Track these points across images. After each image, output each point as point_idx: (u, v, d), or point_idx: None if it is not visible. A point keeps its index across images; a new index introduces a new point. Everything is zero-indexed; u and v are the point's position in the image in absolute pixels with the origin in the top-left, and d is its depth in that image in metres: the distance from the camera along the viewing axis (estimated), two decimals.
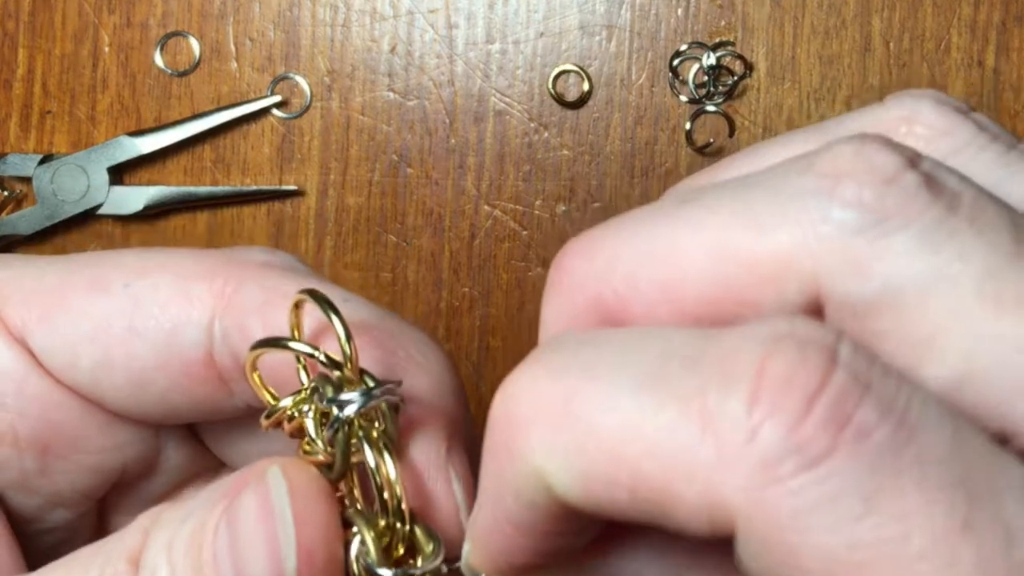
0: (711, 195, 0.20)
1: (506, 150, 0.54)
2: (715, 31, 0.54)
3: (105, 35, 0.55)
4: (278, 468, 0.24)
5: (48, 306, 0.27)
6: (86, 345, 0.27)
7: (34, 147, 0.55)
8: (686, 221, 0.20)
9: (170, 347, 0.27)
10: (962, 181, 0.19)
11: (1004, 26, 0.53)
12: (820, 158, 0.19)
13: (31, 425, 0.28)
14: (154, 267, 0.27)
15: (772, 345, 0.18)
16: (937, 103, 0.21)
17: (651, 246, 0.21)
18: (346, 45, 0.55)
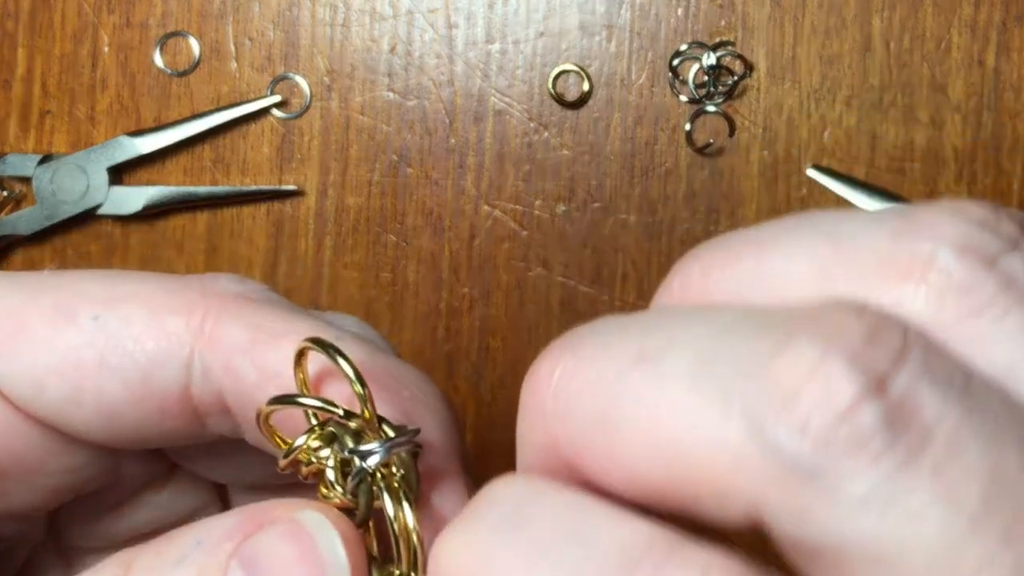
0: (667, 357, 0.18)
1: (506, 150, 0.54)
2: (715, 31, 0.54)
3: (104, 35, 0.55)
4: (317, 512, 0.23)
5: (9, 333, 0.26)
6: (53, 378, 0.26)
7: (33, 147, 0.55)
8: (635, 392, 0.18)
9: (145, 383, 0.26)
10: (946, 401, 0.16)
11: (1005, 26, 0.53)
12: (779, 361, 0.17)
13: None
14: (124, 297, 0.26)
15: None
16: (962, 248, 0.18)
17: (599, 409, 0.19)
18: (346, 45, 0.55)
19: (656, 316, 0.20)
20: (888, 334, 0.17)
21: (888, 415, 0.16)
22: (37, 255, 0.55)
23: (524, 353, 0.54)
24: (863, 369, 0.16)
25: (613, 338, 0.20)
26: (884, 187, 0.53)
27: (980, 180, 0.53)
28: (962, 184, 0.53)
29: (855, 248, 0.19)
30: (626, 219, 0.54)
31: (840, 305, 0.18)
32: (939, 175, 0.53)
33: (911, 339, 0.17)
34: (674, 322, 0.19)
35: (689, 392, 0.17)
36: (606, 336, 0.20)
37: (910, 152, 0.53)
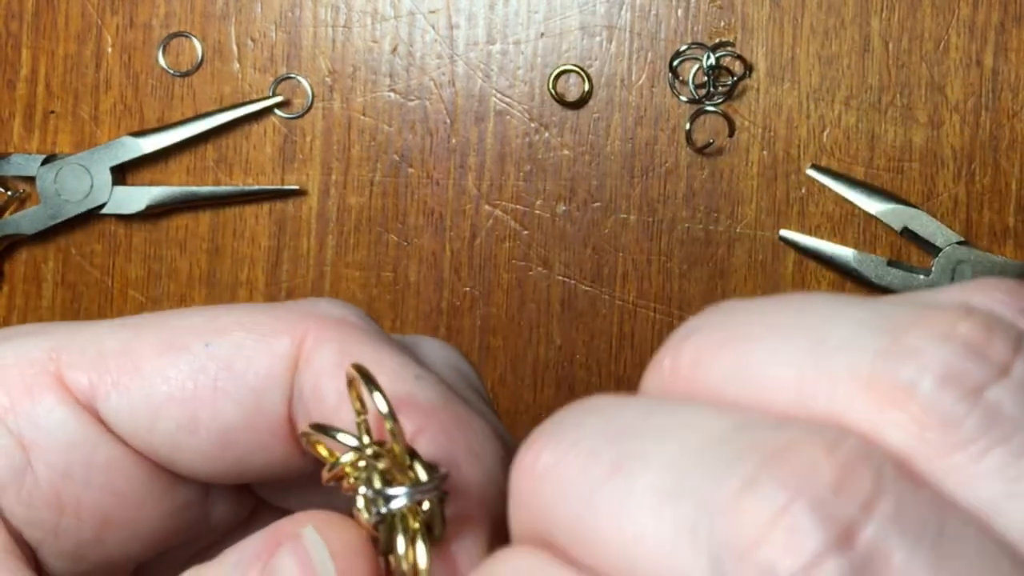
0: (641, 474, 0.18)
1: (507, 150, 0.55)
2: (715, 31, 0.54)
3: (108, 36, 0.55)
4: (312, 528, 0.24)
5: (118, 370, 0.26)
6: (169, 407, 0.26)
7: (38, 147, 0.55)
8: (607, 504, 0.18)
9: (258, 406, 0.26)
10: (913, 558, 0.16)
11: (1003, 26, 0.54)
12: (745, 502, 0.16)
13: (95, 496, 0.26)
14: (230, 324, 0.26)
15: None
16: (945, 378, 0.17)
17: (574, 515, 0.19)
18: (347, 46, 0.55)
19: (637, 415, 0.20)
20: (860, 477, 0.17)
21: (854, 569, 0.16)
22: (41, 254, 0.55)
23: (524, 352, 0.54)
24: (829, 519, 0.16)
25: (593, 436, 0.19)
26: (883, 186, 0.54)
27: (978, 180, 0.53)
28: (960, 184, 0.53)
29: (837, 363, 0.18)
30: (626, 219, 0.54)
31: (814, 437, 0.17)
32: (937, 175, 0.54)
33: (884, 483, 0.17)
34: (651, 428, 0.19)
35: (656, 519, 0.17)
36: (586, 431, 0.20)
37: (909, 152, 0.54)
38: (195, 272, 0.55)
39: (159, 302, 0.55)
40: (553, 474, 0.19)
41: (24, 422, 0.26)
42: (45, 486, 0.26)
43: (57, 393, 0.26)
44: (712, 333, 0.20)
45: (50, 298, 0.56)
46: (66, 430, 0.26)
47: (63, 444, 0.26)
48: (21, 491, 0.26)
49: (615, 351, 0.54)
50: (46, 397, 0.26)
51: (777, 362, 0.19)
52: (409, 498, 0.23)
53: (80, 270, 0.55)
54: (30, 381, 0.26)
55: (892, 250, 0.54)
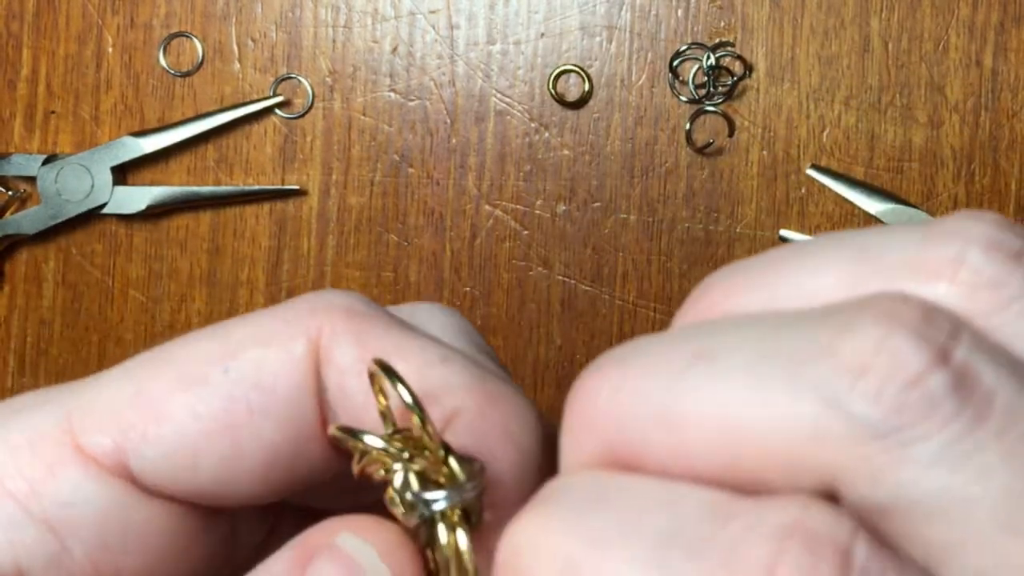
0: (722, 354, 0.19)
1: (507, 150, 0.55)
2: (715, 32, 0.54)
3: (109, 36, 0.55)
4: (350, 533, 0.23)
5: (142, 421, 0.25)
6: (208, 443, 0.25)
7: (38, 147, 0.55)
8: (695, 387, 0.19)
9: (294, 416, 0.25)
10: (999, 375, 0.18)
11: (1002, 27, 0.54)
12: (843, 343, 0.18)
13: (134, 560, 0.25)
14: (243, 342, 0.25)
15: (783, 542, 0.17)
16: (989, 247, 0.19)
17: (659, 409, 0.19)
18: (348, 46, 0.55)
19: (699, 324, 0.21)
20: (939, 316, 0.18)
21: (954, 382, 0.18)
22: (41, 254, 0.56)
23: (525, 351, 0.55)
24: (926, 342, 0.18)
25: (661, 346, 0.20)
26: (883, 186, 0.54)
27: (978, 180, 0.54)
28: (960, 184, 0.54)
29: (883, 256, 0.20)
30: (626, 219, 0.54)
31: (887, 294, 0.19)
32: (937, 175, 0.54)
33: (959, 321, 0.18)
34: (721, 325, 0.20)
35: (753, 380, 0.19)
36: (653, 345, 0.20)
37: (908, 152, 0.54)
38: (195, 272, 0.55)
39: (159, 302, 0.55)
40: (625, 386, 0.20)
41: (50, 504, 0.24)
42: (82, 563, 0.25)
43: (79, 465, 0.25)
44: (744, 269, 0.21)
45: (51, 298, 0.56)
46: (96, 502, 0.25)
47: (95, 518, 0.25)
48: (57, 572, 0.24)
49: None
50: (68, 472, 0.24)
51: (821, 273, 0.20)
52: (449, 501, 0.23)
53: (81, 270, 0.55)
54: (48, 459, 0.24)
55: None
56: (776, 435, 0.18)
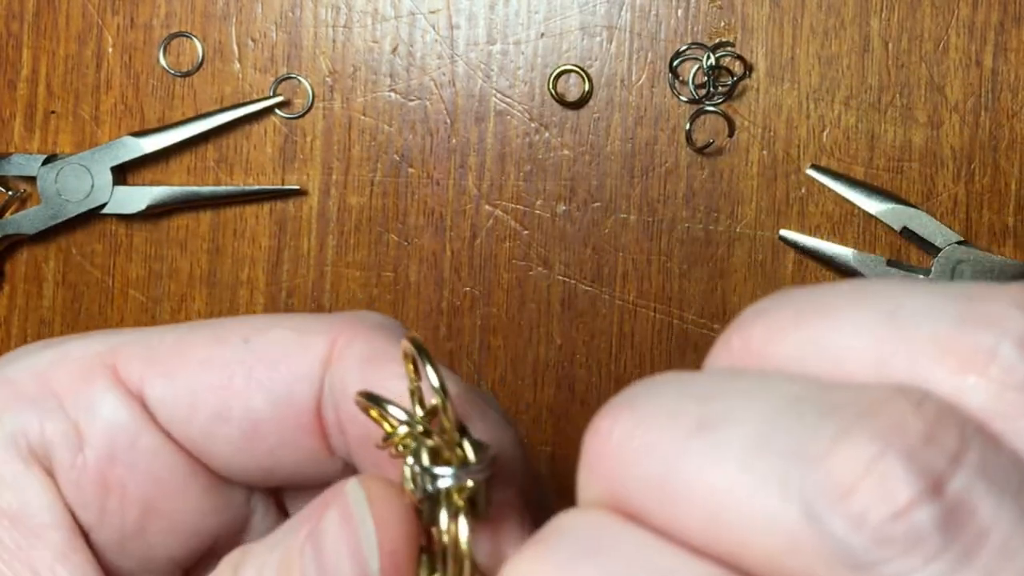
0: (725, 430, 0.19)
1: (507, 150, 0.55)
2: (715, 32, 0.54)
3: (109, 36, 0.55)
4: (356, 480, 0.25)
5: (167, 361, 0.28)
6: (205, 395, 0.28)
7: (38, 147, 0.55)
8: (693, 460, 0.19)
9: (287, 398, 0.28)
10: (1000, 506, 0.17)
11: (1003, 27, 0.54)
12: (837, 453, 0.17)
13: (138, 480, 0.28)
14: (271, 325, 0.28)
15: None
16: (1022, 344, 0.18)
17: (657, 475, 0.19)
18: (348, 46, 0.55)
19: (717, 382, 0.20)
20: (946, 432, 0.17)
21: (944, 516, 0.17)
22: (41, 254, 0.56)
23: (525, 351, 0.55)
24: (921, 469, 0.17)
25: (673, 401, 0.20)
26: (883, 186, 0.54)
27: (978, 180, 0.54)
28: (960, 184, 0.54)
29: (916, 330, 0.19)
30: (626, 219, 0.54)
31: (900, 395, 0.18)
32: (937, 175, 0.54)
33: (969, 438, 0.17)
34: (734, 391, 0.19)
35: (746, 471, 0.18)
36: (666, 398, 0.20)
37: (908, 152, 0.54)
38: (196, 272, 0.55)
39: (160, 302, 0.55)
40: (633, 435, 0.20)
41: (80, 406, 0.28)
42: (93, 467, 0.28)
43: (110, 381, 0.28)
44: (783, 311, 0.21)
45: (51, 298, 0.56)
46: (114, 414, 0.28)
47: (110, 427, 0.28)
48: (72, 471, 0.28)
49: (615, 351, 0.54)
50: (99, 383, 0.28)
51: (853, 333, 0.19)
52: (455, 479, 0.24)
53: (81, 270, 0.55)
54: (88, 370, 0.28)
55: (892, 250, 0.54)
56: (759, 531, 0.18)
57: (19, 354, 0.29)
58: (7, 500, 0.27)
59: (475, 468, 0.24)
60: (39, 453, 0.28)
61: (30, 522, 0.27)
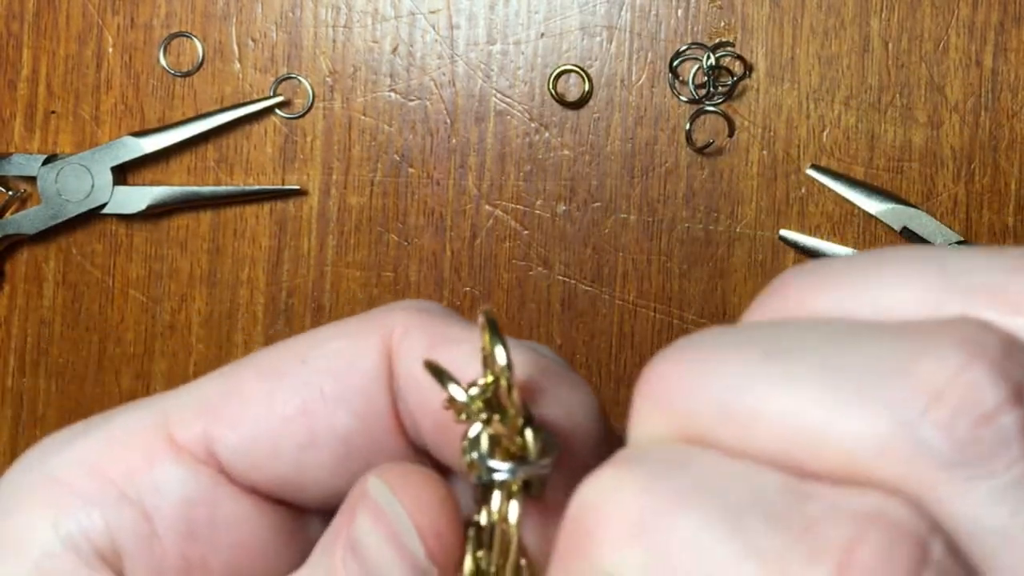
0: (796, 356, 0.19)
1: (507, 150, 0.55)
2: (715, 32, 0.54)
3: (109, 36, 0.55)
4: (374, 475, 0.24)
5: (226, 409, 0.26)
6: (285, 429, 0.26)
7: (38, 147, 0.55)
8: (767, 384, 0.19)
9: (368, 405, 0.26)
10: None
11: (1002, 27, 0.54)
12: (921, 364, 0.18)
13: (222, 552, 0.26)
14: (320, 338, 0.27)
15: (863, 525, 0.18)
16: None
17: (730, 400, 0.20)
18: (348, 46, 0.55)
19: (773, 322, 0.21)
20: (1019, 351, 0.18)
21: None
22: (42, 254, 0.56)
23: None
24: (1005, 377, 0.18)
25: (737, 338, 0.20)
26: (883, 186, 0.54)
27: (978, 180, 0.54)
28: (960, 184, 0.54)
29: (966, 279, 0.20)
30: (626, 218, 0.54)
31: (968, 320, 0.19)
32: (937, 175, 0.54)
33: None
34: (795, 326, 0.20)
35: (825, 386, 0.19)
36: (728, 336, 0.21)
37: (908, 152, 0.54)
38: (196, 272, 0.55)
39: (160, 302, 0.55)
40: (702, 366, 0.20)
41: (144, 489, 0.26)
42: (171, 552, 0.26)
43: (172, 454, 0.26)
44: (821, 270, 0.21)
45: (51, 298, 0.56)
46: (185, 490, 0.26)
47: (184, 505, 0.26)
48: (151, 561, 0.26)
49: (615, 351, 0.54)
50: (162, 460, 0.26)
51: (902, 286, 0.20)
52: (512, 475, 0.23)
53: (81, 270, 0.56)
54: (145, 448, 0.26)
55: None
56: (842, 444, 0.18)
57: (56, 444, 0.26)
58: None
59: (536, 465, 0.23)
60: (106, 554, 0.25)
61: None
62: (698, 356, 0.20)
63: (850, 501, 0.18)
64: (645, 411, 0.21)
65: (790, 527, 0.18)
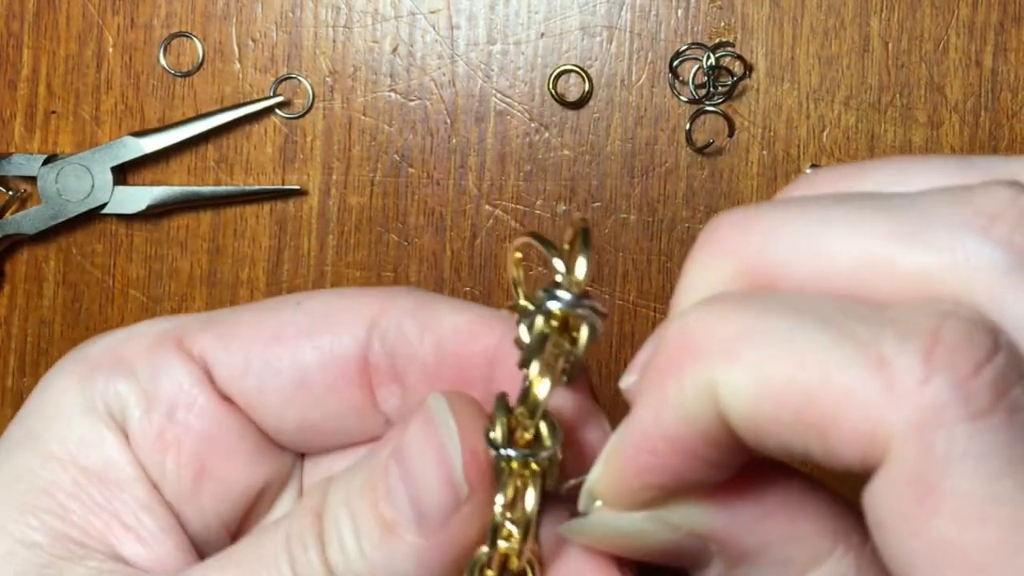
0: (866, 203, 0.22)
1: (507, 150, 0.55)
2: (715, 32, 0.54)
3: (109, 36, 0.55)
4: (439, 393, 0.27)
5: (226, 327, 0.31)
6: (258, 349, 0.30)
7: (39, 147, 0.55)
8: (840, 223, 0.22)
9: (334, 349, 0.30)
10: None
11: (1002, 27, 0.54)
12: (979, 196, 0.21)
13: (194, 439, 0.30)
14: (321, 292, 0.32)
15: (944, 317, 0.20)
16: None
17: (805, 239, 0.22)
18: (348, 46, 0.55)
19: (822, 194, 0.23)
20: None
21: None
22: (42, 254, 0.56)
23: None
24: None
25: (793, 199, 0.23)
26: None
27: None
28: None
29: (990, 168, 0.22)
30: (626, 218, 0.54)
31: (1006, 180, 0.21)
32: None
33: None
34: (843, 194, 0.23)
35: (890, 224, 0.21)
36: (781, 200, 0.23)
37: (908, 152, 0.54)
38: (196, 272, 0.55)
39: (160, 301, 0.55)
40: (767, 217, 0.23)
41: (147, 372, 0.30)
42: (154, 426, 0.30)
43: (175, 349, 0.31)
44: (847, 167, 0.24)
45: (51, 298, 0.56)
46: (176, 377, 0.30)
47: (172, 389, 0.30)
48: (141, 431, 0.30)
49: (615, 351, 0.54)
50: (165, 353, 0.31)
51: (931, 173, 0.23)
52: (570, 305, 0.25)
53: (81, 270, 0.56)
54: (156, 342, 0.31)
55: None
56: (912, 268, 0.21)
57: (96, 338, 0.32)
58: (93, 459, 0.29)
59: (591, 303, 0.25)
60: (116, 415, 0.30)
61: (114, 477, 0.30)
62: (764, 210, 0.23)
63: (927, 305, 0.20)
64: (710, 261, 0.23)
65: (879, 321, 0.20)
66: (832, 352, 0.20)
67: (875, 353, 0.20)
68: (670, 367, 0.22)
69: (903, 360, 0.19)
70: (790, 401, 0.20)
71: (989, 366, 0.19)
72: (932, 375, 0.19)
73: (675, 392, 0.21)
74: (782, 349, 0.20)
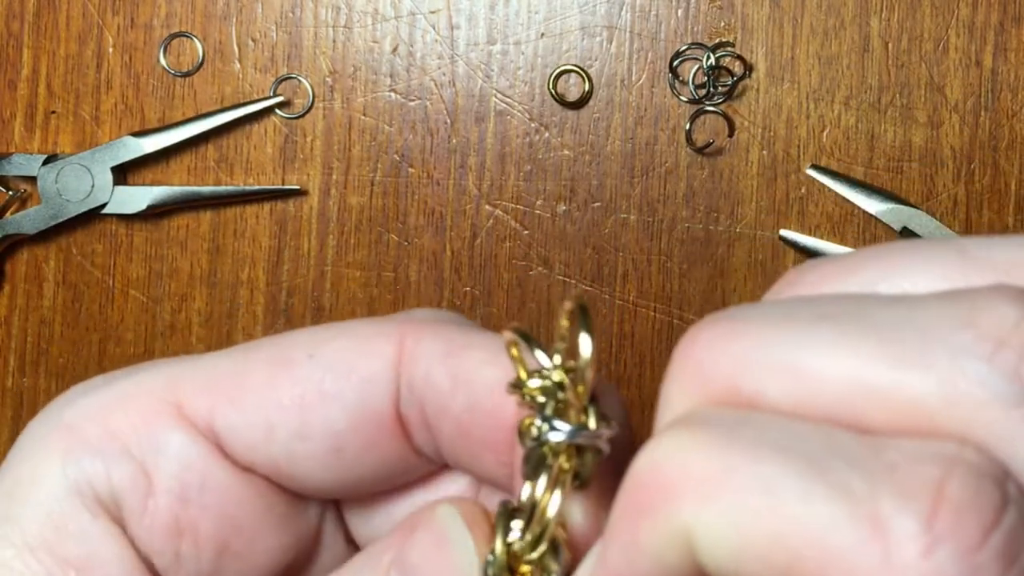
0: (851, 317, 0.20)
1: (507, 150, 0.55)
2: (715, 32, 0.54)
3: (109, 36, 0.55)
4: (448, 504, 0.25)
5: (232, 389, 0.27)
6: (281, 416, 0.27)
7: (39, 147, 0.55)
8: (824, 342, 0.20)
9: (362, 405, 0.27)
10: None
11: (1002, 27, 0.54)
12: (982, 315, 0.19)
13: (211, 520, 0.27)
14: (332, 336, 0.28)
15: (948, 467, 0.18)
16: None
17: (785, 360, 0.20)
18: (348, 46, 0.55)
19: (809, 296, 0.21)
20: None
21: None
22: (42, 254, 0.56)
23: None
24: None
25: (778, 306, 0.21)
26: (882, 186, 0.54)
27: (978, 180, 0.54)
28: (960, 184, 0.54)
29: (989, 257, 0.21)
30: (626, 218, 0.54)
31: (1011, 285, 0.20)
32: (937, 175, 0.54)
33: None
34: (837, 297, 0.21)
35: (883, 345, 0.19)
36: (767, 306, 0.21)
37: (908, 152, 0.54)
38: (196, 272, 0.55)
39: (160, 302, 0.55)
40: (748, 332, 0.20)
41: (146, 448, 0.27)
42: (164, 512, 0.27)
43: (175, 420, 0.27)
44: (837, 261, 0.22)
45: (51, 298, 0.56)
46: (182, 454, 0.27)
47: (180, 468, 0.27)
48: (145, 516, 0.27)
49: (615, 351, 0.54)
50: (164, 423, 0.27)
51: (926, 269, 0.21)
52: (571, 436, 0.23)
53: (81, 270, 0.56)
54: (153, 411, 0.27)
55: None
56: (907, 397, 0.19)
57: (74, 396, 0.28)
58: (75, 552, 0.26)
59: (592, 433, 0.23)
60: (107, 502, 0.27)
61: (99, 571, 0.26)
62: (740, 323, 0.20)
63: (928, 447, 0.18)
64: (687, 377, 0.21)
65: (874, 470, 0.18)
66: (822, 508, 0.18)
67: (871, 513, 0.18)
68: (642, 508, 0.20)
69: (903, 524, 0.17)
70: (775, 559, 0.18)
71: (997, 531, 0.18)
72: (936, 546, 0.17)
73: (648, 537, 0.20)
74: (766, 497, 0.18)
